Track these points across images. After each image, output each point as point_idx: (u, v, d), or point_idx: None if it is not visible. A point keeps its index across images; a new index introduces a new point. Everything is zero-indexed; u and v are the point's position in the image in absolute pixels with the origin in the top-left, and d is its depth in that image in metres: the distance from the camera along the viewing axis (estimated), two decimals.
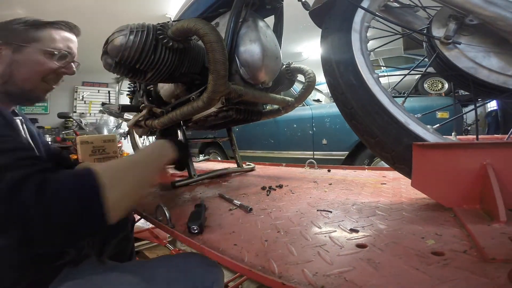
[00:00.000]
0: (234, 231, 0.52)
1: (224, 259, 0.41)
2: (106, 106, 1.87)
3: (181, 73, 0.82)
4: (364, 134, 0.63)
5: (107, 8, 3.36)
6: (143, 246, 1.82)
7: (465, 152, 0.52)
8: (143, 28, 0.71)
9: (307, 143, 2.54)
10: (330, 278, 0.33)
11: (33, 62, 0.64)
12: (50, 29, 0.67)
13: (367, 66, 0.65)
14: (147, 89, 1.17)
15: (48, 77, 0.68)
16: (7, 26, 0.64)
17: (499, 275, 0.30)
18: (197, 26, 0.68)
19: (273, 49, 0.88)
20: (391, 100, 0.61)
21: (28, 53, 0.64)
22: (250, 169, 1.36)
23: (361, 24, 0.70)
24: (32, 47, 0.64)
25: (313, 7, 0.79)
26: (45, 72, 0.66)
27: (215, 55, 0.68)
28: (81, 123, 4.48)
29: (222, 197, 0.78)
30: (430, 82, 3.51)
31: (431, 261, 0.35)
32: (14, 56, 0.62)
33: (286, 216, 0.58)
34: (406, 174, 0.61)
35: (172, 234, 0.56)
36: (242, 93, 0.81)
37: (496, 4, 0.53)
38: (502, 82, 0.57)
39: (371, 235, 0.45)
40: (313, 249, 0.41)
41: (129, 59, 0.71)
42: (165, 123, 0.98)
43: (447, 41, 0.61)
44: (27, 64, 0.64)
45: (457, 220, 0.49)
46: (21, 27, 0.64)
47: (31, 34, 0.64)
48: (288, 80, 1.12)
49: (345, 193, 0.76)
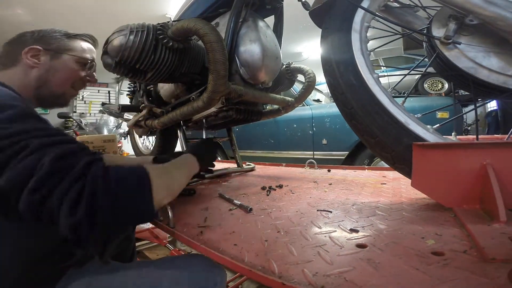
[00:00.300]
0: (234, 231, 0.52)
1: (224, 259, 0.41)
2: (106, 106, 1.87)
3: (181, 73, 0.82)
4: (364, 134, 0.63)
5: (107, 8, 3.36)
6: (143, 246, 1.82)
7: (465, 152, 0.52)
8: (143, 28, 0.71)
9: (307, 143, 2.54)
10: (330, 278, 0.33)
11: (67, 69, 0.69)
12: (80, 40, 0.73)
13: (367, 66, 0.65)
14: (147, 89, 1.17)
15: (76, 84, 0.73)
16: (47, 34, 0.69)
17: (499, 275, 0.30)
18: (197, 26, 0.68)
19: (273, 49, 0.88)
20: (391, 100, 0.61)
21: (64, 61, 0.69)
22: (250, 169, 1.36)
23: (361, 24, 0.70)
24: (68, 55, 0.69)
25: (313, 7, 0.79)
26: (75, 79, 0.72)
27: (215, 55, 0.68)
28: (81, 123, 4.48)
29: (222, 197, 0.78)
30: (430, 82, 3.51)
31: (431, 261, 0.35)
32: (52, 63, 0.67)
33: (286, 216, 0.59)
34: (406, 174, 0.61)
35: (172, 234, 0.57)
36: (242, 93, 0.81)
37: (496, 4, 0.53)
38: (502, 82, 0.57)
39: (371, 235, 0.45)
40: (313, 249, 0.41)
41: (129, 59, 0.71)
42: (165, 123, 0.98)
43: (447, 41, 0.61)
44: (63, 70, 0.69)
45: (457, 220, 0.49)
46: (58, 36, 0.69)
47: (66, 43, 0.70)
48: (288, 80, 1.12)
49: (345, 193, 0.76)
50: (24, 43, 0.65)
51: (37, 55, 0.65)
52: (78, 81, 0.73)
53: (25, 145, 0.39)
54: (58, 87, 0.69)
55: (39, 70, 0.65)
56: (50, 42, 0.68)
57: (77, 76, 0.72)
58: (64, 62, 0.69)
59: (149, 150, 1.73)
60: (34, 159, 0.38)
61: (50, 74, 0.67)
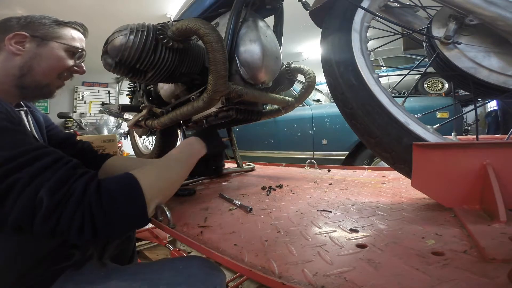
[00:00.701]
0: (234, 231, 0.52)
1: (224, 259, 0.41)
2: (106, 106, 1.87)
3: (181, 73, 0.82)
4: (364, 134, 0.63)
5: (107, 8, 3.36)
6: (143, 246, 1.82)
7: (465, 152, 0.52)
8: (143, 28, 0.71)
9: (307, 143, 2.54)
10: (330, 278, 0.33)
11: (55, 58, 0.65)
12: (70, 28, 0.69)
13: (367, 66, 0.65)
14: (147, 89, 1.17)
15: (62, 74, 0.69)
16: (36, 20, 0.65)
17: (498, 275, 0.30)
18: (197, 26, 0.68)
19: (273, 49, 0.88)
20: (391, 100, 0.61)
21: (51, 48, 0.65)
22: (250, 169, 1.36)
23: (361, 24, 0.70)
24: (56, 43, 0.65)
25: (313, 7, 0.79)
26: (63, 68, 0.68)
27: (215, 55, 0.68)
28: (81, 123, 4.48)
29: (222, 197, 0.79)
30: (430, 82, 3.51)
31: (431, 261, 0.35)
32: (38, 50, 0.63)
33: (286, 216, 0.59)
34: (406, 174, 0.61)
35: (172, 234, 0.56)
36: (242, 93, 0.81)
37: (496, 4, 0.53)
38: (502, 82, 0.57)
39: (371, 235, 0.45)
40: (313, 249, 0.41)
41: (129, 59, 0.71)
42: (165, 123, 0.98)
43: (447, 41, 0.61)
44: (49, 58, 0.65)
45: (457, 220, 0.49)
46: (47, 22, 0.65)
47: (55, 30, 0.66)
48: (288, 80, 1.12)
49: (345, 193, 0.76)
50: (9, 29, 0.61)
51: (22, 41, 0.62)
52: (65, 71, 0.69)
53: (13, 182, 0.40)
54: (43, 76, 0.64)
55: (23, 57, 0.62)
56: (38, 28, 0.64)
57: (65, 66, 0.68)
58: (51, 50, 0.65)
59: (149, 150, 1.73)
60: (30, 197, 0.40)
61: (35, 62, 0.63)
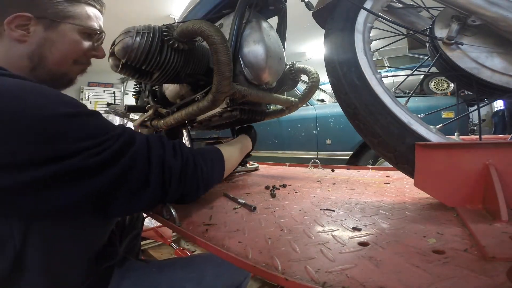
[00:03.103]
0: (238, 229, 0.53)
1: (229, 256, 0.42)
2: (112, 106, 1.89)
3: (187, 74, 0.83)
4: (367, 134, 0.64)
5: (110, 9, 3.35)
6: (147, 245, 1.85)
7: (467, 152, 0.52)
8: (149, 30, 0.72)
9: (311, 143, 2.54)
10: (332, 275, 0.33)
11: (69, 42, 0.55)
12: (84, 4, 0.59)
13: (370, 66, 0.65)
14: (153, 90, 1.19)
15: (80, 60, 0.60)
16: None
17: (498, 273, 0.31)
18: (202, 28, 0.69)
19: (277, 49, 0.89)
20: (394, 100, 0.62)
21: (63, 31, 0.54)
22: (254, 168, 1.37)
23: (364, 24, 0.71)
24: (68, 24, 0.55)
25: (316, 8, 0.80)
26: (79, 53, 0.58)
27: (219, 56, 0.69)
28: None
29: (227, 196, 0.80)
30: (435, 81, 3.48)
31: (431, 259, 0.35)
32: (47, 34, 0.52)
33: (289, 214, 0.59)
34: (409, 174, 0.62)
35: (179, 232, 0.58)
36: (246, 93, 0.82)
37: (499, 5, 0.54)
38: (505, 82, 0.57)
39: (373, 234, 0.45)
40: (315, 246, 0.42)
41: (135, 61, 0.72)
42: (171, 123, 0.99)
43: (450, 42, 0.61)
44: (62, 43, 0.54)
45: (459, 219, 0.49)
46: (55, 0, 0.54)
47: (67, 9, 0.55)
48: (292, 80, 1.13)
49: (349, 193, 0.76)
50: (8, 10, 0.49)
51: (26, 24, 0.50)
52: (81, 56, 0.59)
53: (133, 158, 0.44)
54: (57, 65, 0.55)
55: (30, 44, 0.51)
56: (45, 7, 0.52)
57: (80, 50, 0.58)
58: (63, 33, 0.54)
59: None
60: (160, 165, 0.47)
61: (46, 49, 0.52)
